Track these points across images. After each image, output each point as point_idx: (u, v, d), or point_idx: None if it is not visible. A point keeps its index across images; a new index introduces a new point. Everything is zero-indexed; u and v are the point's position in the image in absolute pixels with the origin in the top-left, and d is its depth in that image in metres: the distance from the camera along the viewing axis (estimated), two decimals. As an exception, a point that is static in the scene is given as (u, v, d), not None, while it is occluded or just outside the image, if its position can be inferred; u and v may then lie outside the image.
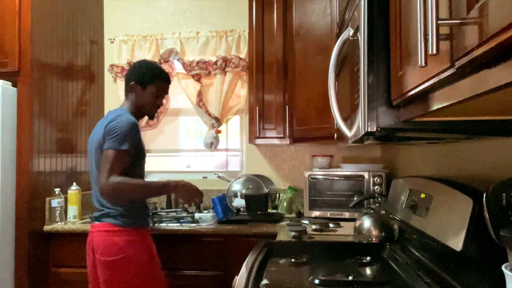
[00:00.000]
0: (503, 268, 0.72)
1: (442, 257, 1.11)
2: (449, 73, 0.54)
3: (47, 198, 2.26)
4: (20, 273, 2.11)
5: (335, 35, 1.64)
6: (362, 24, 0.92)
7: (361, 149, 2.68)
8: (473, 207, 0.95)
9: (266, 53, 2.47)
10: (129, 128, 1.70)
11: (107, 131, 1.69)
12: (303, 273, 1.35)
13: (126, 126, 1.69)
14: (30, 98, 2.15)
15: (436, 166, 1.49)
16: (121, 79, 2.80)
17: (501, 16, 0.39)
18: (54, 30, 2.38)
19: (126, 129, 1.69)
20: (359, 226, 1.72)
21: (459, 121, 0.80)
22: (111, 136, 1.67)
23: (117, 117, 1.73)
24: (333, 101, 1.14)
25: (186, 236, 2.16)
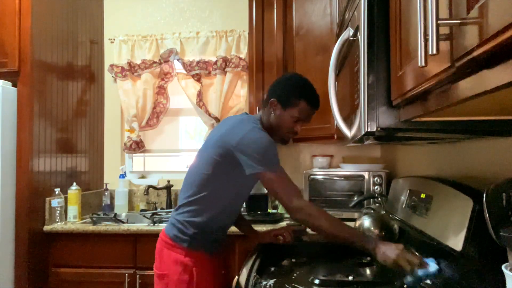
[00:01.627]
0: (503, 268, 0.72)
1: (442, 257, 1.11)
2: (449, 73, 0.54)
3: (47, 198, 2.26)
4: (20, 273, 2.11)
5: (335, 35, 1.64)
6: (362, 24, 0.92)
7: (361, 149, 2.68)
8: (473, 207, 0.95)
9: (266, 53, 2.47)
10: (270, 142, 1.45)
11: (245, 145, 1.41)
12: (303, 273, 1.35)
13: (265, 137, 1.45)
14: (30, 98, 2.15)
15: (436, 166, 1.49)
16: (121, 79, 2.81)
17: (501, 16, 0.39)
18: (54, 30, 2.38)
19: (267, 142, 1.44)
20: (359, 226, 1.72)
21: (459, 121, 0.80)
22: (254, 153, 1.40)
23: (250, 134, 1.44)
24: (333, 101, 1.14)
25: (186, 236, 2.16)
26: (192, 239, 1.47)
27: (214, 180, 1.47)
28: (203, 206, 1.48)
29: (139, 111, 2.80)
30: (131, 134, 2.83)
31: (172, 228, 1.51)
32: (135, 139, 2.81)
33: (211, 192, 1.47)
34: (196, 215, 1.48)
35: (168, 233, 1.51)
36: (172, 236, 1.49)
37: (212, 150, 1.46)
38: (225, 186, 1.48)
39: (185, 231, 1.47)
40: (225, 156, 1.43)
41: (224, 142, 1.44)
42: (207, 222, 1.48)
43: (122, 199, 2.70)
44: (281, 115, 1.52)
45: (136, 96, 2.80)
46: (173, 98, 2.90)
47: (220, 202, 1.50)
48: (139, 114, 2.80)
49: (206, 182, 1.47)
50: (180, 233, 1.48)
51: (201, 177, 1.48)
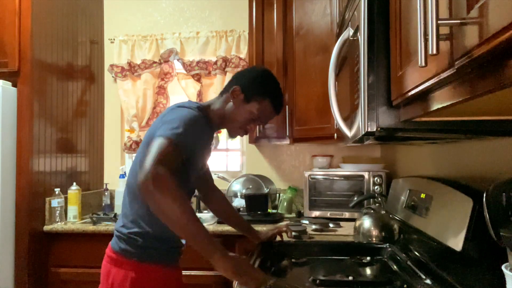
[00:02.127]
0: (503, 268, 0.72)
1: (442, 257, 1.11)
2: (449, 73, 0.54)
3: (47, 198, 2.26)
4: (20, 273, 2.11)
5: (335, 35, 1.64)
6: (362, 24, 0.92)
7: (361, 149, 2.68)
8: (473, 207, 0.95)
9: (266, 53, 2.47)
10: (192, 120, 1.24)
11: (163, 119, 1.25)
12: (303, 273, 1.35)
13: (188, 114, 1.25)
14: (30, 98, 2.15)
15: (436, 166, 1.49)
16: (121, 79, 2.81)
17: (501, 16, 0.39)
18: (54, 30, 2.38)
19: (187, 118, 1.23)
20: (359, 226, 1.72)
21: (459, 121, 0.80)
22: (165, 123, 1.21)
23: (179, 107, 1.29)
24: (333, 101, 1.14)
25: (186, 236, 2.15)
26: (142, 250, 1.27)
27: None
28: (147, 212, 1.22)
29: (139, 111, 2.80)
30: (131, 134, 2.83)
31: (118, 241, 1.30)
32: (135, 139, 2.81)
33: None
34: (142, 223, 1.28)
35: (114, 248, 1.30)
36: (118, 250, 1.28)
37: (144, 146, 1.26)
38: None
39: (133, 243, 1.27)
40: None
41: (151, 132, 1.26)
42: (156, 228, 1.27)
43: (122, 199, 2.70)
44: (240, 107, 1.36)
45: (136, 96, 2.80)
46: (173, 98, 2.90)
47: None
48: (139, 114, 2.80)
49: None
50: (128, 245, 1.27)
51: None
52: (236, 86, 1.36)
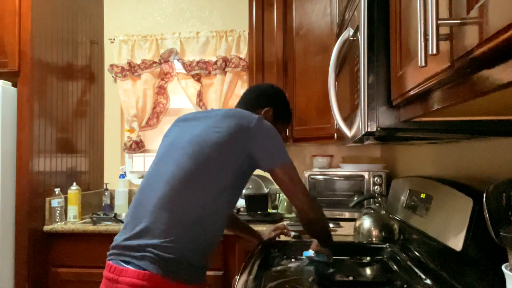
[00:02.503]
0: (503, 268, 0.72)
1: (442, 257, 1.11)
2: (449, 73, 0.54)
3: (47, 198, 2.26)
4: (20, 273, 2.11)
5: (335, 35, 1.64)
6: (362, 24, 0.92)
7: (361, 149, 2.68)
8: (473, 207, 0.95)
9: (266, 53, 2.47)
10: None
11: (259, 134, 1.23)
12: (303, 273, 1.35)
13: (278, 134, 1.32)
14: (30, 98, 2.15)
15: (436, 166, 1.49)
16: (121, 79, 2.80)
17: (501, 16, 0.39)
18: (54, 30, 2.38)
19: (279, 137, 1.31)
20: (359, 226, 1.72)
21: (459, 121, 0.80)
22: (276, 144, 1.26)
23: (264, 121, 1.29)
24: (333, 101, 1.14)
25: (186, 236, 2.16)
26: (196, 270, 1.19)
27: (224, 186, 1.21)
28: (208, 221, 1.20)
29: (139, 111, 2.80)
30: (131, 134, 2.83)
31: (159, 262, 1.09)
32: (135, 139, 2.81)
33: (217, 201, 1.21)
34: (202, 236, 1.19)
35: (153, 271, 1.08)
36: (164, 273, 1.08)
37: (214, 147, 1.21)
38: (233, 190, 1.26)
39: (182, 262, 1.13)
40: (235, 151, 1.22)
41: (233, 131, 1.22)
42: (210, 241, 1.22)
43: (122, 199, 2.70)
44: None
45: (136, 96, 2.80)
46: (173, 98, 2.90)
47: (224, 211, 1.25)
48: (139, 114, 2.80)
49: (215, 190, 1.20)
50: (175, 265, 1.11)
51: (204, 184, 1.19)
52: (268, 108, 1.46)
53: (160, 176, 1.22)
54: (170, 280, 1.09)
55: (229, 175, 1.21)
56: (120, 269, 1.10)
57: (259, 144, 1.23)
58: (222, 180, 1.20)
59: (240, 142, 1.22)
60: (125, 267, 1.10)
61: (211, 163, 1.20)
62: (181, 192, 1.17)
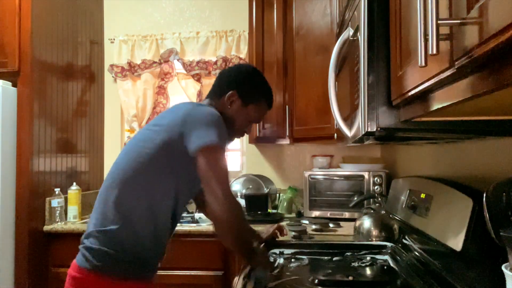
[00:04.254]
0: (503, 268, 0.72)
1: (442, 257, 1.11)
2: (449, 73, 0.54)
3: (47, 198, 2.26)
4: (20, 273, 2.11)
5: (335, 35, 1.64)
6: (362, 24, 0.92)
7: (361, 149, 2.68)
8: (473, 207, 0.95)
9: (266, 53, 2.47)
10: (221, 121, 1.23)
11: (189, 119, 1.20)
12: (303, 273, 1.35)
13: (216, 117, 1.22)
14: (30, 98, 2.15)
15: (436, 166, 1.49)
16: (121, 79, 2.80)
17: (501, 16, 0.39)
18: (54, 30, 2.38)
19: (216, 120, 1.21)
20: (359, 226, 1.72)
21: (459, 121, 0.80)
22: (200, 124, 1.18)
23: (200, 107, 1.24)
24: (333, 101, 1.14)
25: (186, 236, 2.16)
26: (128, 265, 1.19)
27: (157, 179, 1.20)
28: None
29: (139, 111, 2.80)
30: (131, 134, 2.83)
31: (89, 255, 1.19)
32: (135, 139, 2.80)
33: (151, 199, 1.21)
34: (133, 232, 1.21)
35: (82, 264, 1.19)
36: (91, 266, 1.17)
37: (151, 141, 1.22)
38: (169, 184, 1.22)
39: (112, 255, 1.17)
40: (170, 143, 1.18)
41: (168, 126, 1.21)
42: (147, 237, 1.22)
43: (122, 199, 2.70)
44: (239, 111, 1.35)
45: (136, 96, 2.80)
46: (173, 98, 2.90)
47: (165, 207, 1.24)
48: (139, 114, 2.80)
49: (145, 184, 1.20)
50: (104, 258, 1.17)
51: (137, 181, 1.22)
52: (232, 92, 1.34)
53: (113, 173, 1.33)
54: (99, 273, 1.16)
55: (164, 165, 1.19)
56: (73, 262, 1.26)
57: (188, 128, 1.17)
58: (157, 173, 1.20)
59: (174, 130, 1.19)
60: (74, 260, 1.24)
61: (144, 157, 1.21)
62: (113, 189, 1.23)
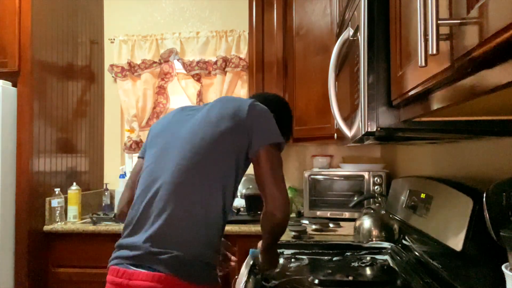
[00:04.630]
0: (503, 268, 0.72)
1: (442, 257, 1.11)
2: (449, 73, 0.54)
3: (47, 198, 2.26)
4: (20, 273, 2.11)
5: (335, 35, 1.64)
6: (362, 24, 0.92)
7: (361, 149, 2.68)
8: (473, 207, 0.95)
9: (266, 53, 2.47)
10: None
11: (256, 113, 1.19)
12: (303, 273, 1.35)
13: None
14: (30, 98, 2.15)
15: (436, 166, 1.49)
16: (121, 79, 2.80)
17: (501, 16, 0.39)
18: (54, 30, 2.38)
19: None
20: (359, 226, 1.72)
21: (459, 121, 0.80)
22: (268, 125, 1.19)
23: (258, 104, 1.24)
24: (333, 101, 1.14)
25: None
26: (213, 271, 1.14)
27: (230, 172, 1.18)
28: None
29: (139, 111, 2.80)
30: (131, 134, 2.84)
31: (171, 262, 1.05)
32: (135, 139, 2.81)
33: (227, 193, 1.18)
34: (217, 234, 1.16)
35: (166, 271, 1.04)
36: (176, 273, 1.04)
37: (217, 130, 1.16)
38: (235, 178, 1.21)
39: (194, 260, 1.08)
40: (236, 133, 1.16)
41: (231, 116, 1.17)
42: (217, 237, 1.16)
43: (122, 199, 2.70)
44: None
45: (136, 96, 2.80)
46: (173, 98, 2.90)
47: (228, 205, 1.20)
48: (139, 114, 2.80)
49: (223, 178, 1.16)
50: (188, 264, 1.07)
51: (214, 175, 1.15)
52: (273, 114, 1.31)
53: (163, 172, 1.15)
54: (183, 280, 1.04)
55: (232, 163, 1.17)
56: (130, 273, 1.04)
57: (255, 123, 1.17)
58: (225, 171, 1.16)
59: (239, 124, 1.16)
60: (136, 270, 1.04)
61: (215, 152, 1.15)
62: (187, 188, 1.11)
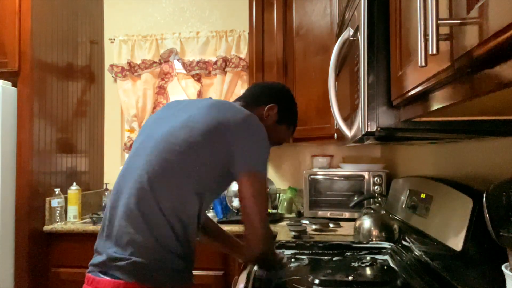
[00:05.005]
0: (503, 268, 0.72)
1: (442, 257, 1.11)
2: (449, 73, 0.54)
3: (47, 198, 2.26)
4: (20, 273, 2.11)
5: (335, 35, 1.64)
6: (362, 24, 0.92)
7: (361, 149, 2.68)
8: (473, 207, 0.95)
9: (266, 53, 2.47)
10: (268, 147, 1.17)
11: (244, 134, 1.11)
12: (303, 273, 1.35)
13: (265, 133, 1.15)
14: (30, 98, 2.15)
15: (436, 166, 1.49)
16: (121, 79, 2.80)
17: (501, 16, 0.39)
18: (54, 30, 2.38)
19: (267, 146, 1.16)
20: (359, 226, 1.72)
21: (459, 121, 0.80)
22: (256, 148, 1.12)
23: (253, 118, 1.14)
24: (333, 101, 1.14)
25: (186, 236, 2.16)
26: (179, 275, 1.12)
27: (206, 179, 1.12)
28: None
29: (139, 111, 2.80)
30: (131, 134, 2.84)
31: (132, 269, 1.04)
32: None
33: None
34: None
35: (128, 279, 1.03)
36: (138, 280, 1.03)
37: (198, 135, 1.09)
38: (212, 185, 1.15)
39: (155, 266, 1.07)
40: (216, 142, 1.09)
41: (216, 122, 1.09)
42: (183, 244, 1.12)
43: (122, 199, 2.70)
44: (272, 127, 1.29)
45: (136, 96, 2.80)
46: (173, 98, 2.90)
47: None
48: (139, 114, 2.80)
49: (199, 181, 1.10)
50: (149, 270, 1.06)
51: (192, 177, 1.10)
52: (273, 105, 1.29)
53: (130, 174, 1.14)
54: (146, 286, 1.03)
55: (202, 175, 1.09)
56: (97, 280, 1.07)
57: (242, 142, 1.09)
58: (193, 181, 1.09)
59: (220, 138, 1.09)
60: (101, 278, 1.06)
61: (183, 159, 1.08)
62: (149, 191, 1.08)
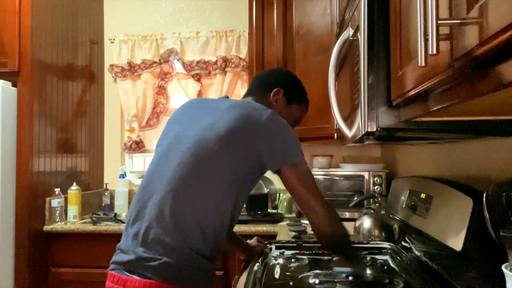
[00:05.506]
0: (503, 268, 0.72)
1: (442, 257, 1.11)
2: (449, 73, 0.54)
3: (47, 198, 2.26)
4: (20, 273, 2.11)
5: (335, 35, 1.65)
6: (362, 24, 0.92)
7: (361, 149, 2.68)
8: (473, 207, 0.95)
9: (266, 53, 2.47)
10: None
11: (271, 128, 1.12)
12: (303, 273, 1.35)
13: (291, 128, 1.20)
14: (30, 98, 2.15)
15: (436, 166, 1.49)
16: (121, 79, 2.80)
17: (501, 16, 0.39)
18: (54, 30, 2.38)
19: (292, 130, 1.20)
20: (359, 226, 1.72)
21: (459, 121, 0.80)
22: (286, 141, 1.15)
23: (275, 113, 1.16)
24: (333, 101, 1.14)
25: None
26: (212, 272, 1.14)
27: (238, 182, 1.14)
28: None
29: (139, 111, 2.80)
30: (131, 134, 2.84)
31: (162, 268, 1.05)
32: (135, 139, 2.81)
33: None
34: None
35: (157, 278, 1.03)
36: (167, 280, 1.04)
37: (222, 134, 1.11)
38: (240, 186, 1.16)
39: (185, 266, 1.08)
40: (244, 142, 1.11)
41: (242, 122, 1.11)
42: (213, 245, 1.13)
43: (122, 199, 2.70)
44: (284, 109, 1.32)
45: (136, 96, 2.80)
46: (173, 98, 2.90)
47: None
48: (139, 114, 2.80)
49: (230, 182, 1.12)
50: (178, 270, 1.07)
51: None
52: (278, 89, 1.32)
53: (161, 174, 1.14)
54: (175, 286, 1.04)
55: (235, 175, 1.11)
56: (124, 279, 1.05)
57: (269, 140, 1.11)
58: (226, 181, 1.11)
59: (248, 138, 1.11)
60: (129, 277, 1.05)
61: (216, 162, 1.10)
62: (182, 194, 1.09)
